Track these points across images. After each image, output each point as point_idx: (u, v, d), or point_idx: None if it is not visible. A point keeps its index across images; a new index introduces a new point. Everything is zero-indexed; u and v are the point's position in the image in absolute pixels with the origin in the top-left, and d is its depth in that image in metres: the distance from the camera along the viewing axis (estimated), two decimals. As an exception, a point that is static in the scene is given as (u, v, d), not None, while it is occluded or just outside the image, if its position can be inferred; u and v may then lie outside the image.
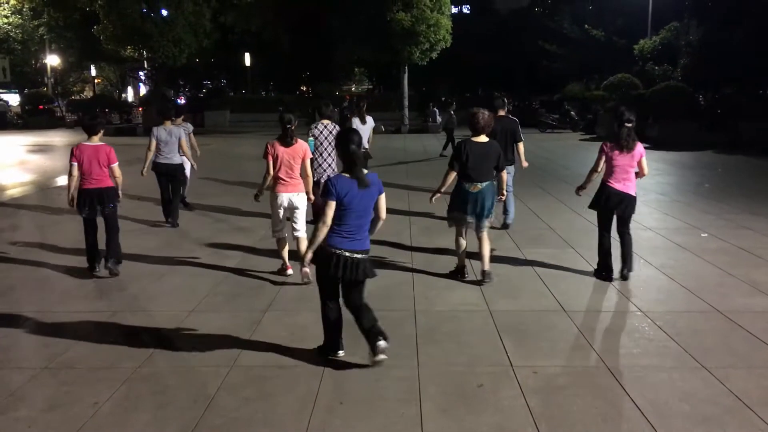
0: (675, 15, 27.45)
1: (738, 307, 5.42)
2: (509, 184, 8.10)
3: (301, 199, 6.16)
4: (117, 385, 4.03)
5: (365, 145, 9.20)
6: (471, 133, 5.96)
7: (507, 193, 8.05)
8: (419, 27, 25.85)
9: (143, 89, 44.39)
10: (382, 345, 4.09)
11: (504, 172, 6.33)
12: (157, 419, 3.64)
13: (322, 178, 7.35)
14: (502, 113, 8.13)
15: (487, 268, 6.08)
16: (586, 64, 33.70)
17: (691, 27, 26.49)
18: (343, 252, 4.09)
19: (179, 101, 38.15)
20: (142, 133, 26.48)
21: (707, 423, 3.57)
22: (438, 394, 3.90)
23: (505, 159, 6.33)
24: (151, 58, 30.36)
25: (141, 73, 42.41)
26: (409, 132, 28.27)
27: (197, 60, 35.98)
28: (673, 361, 4.37)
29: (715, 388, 3.96)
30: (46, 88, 40.60)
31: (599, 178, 6.21)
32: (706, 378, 4.11)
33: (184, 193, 9.54)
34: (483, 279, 6.06)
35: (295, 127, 6.05)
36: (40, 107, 35.77)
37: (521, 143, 8.17)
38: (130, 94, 52.12)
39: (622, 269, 6.16)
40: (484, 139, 5.94)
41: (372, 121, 9.70)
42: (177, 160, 8.81)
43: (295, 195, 6.11)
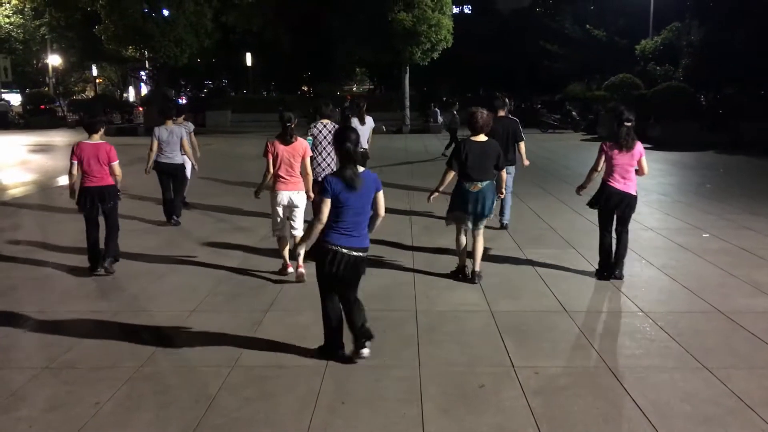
0: (676, 15, 27.43)
1: (739, 307, 5.41)
2: (509, 185, 8.11)
3: (300, 198, 6.17)
4: (118, 384, 4.03)
5: (365, 145, 9.20)
6: (470, 133, 5.97)
7: (506, 193, 8.06)
8: (420, 27, 25.85)
9: (144, 89, 44.37)
10: (365, 352, 4.27)
11: (503, 171, 6.33)
12: (158, 419, 3.64)
13: (320, 177, 7.36)
14: (503, 113, 8.12)
15: (477, 269, 6.11)
16: (588, 65, 33.70)
17: (692, 27, 26.46)
18: (341, 249, 4.12)
19: (180, 101, 38.18)
20: (143, 133, 26.49)
21: (709, 423, 3.56)
22: (439, 394, 3.90)
23: (505, 159, 6.33)
24: (153, 58, 30.40)
25: (142, 73, 42.42)
26: (410, 132, 28.27)
27: (198, 60, 36.01)
28: (674, 362, 4.37)
29: (717, 389, 3.96)
30: (47, 88, 40.68)
31: (599, 178, 6.21)
32: (707, 378, 4.10)
33: (183, 193, 9.54)
34: (473, 279, 6.07)
35: (294, 126, 6.07)
36: (42, 107, 35.85)
37: (522, 143, 8.17)
38: (131, 94, 52.12)
39: (614, 270, 6.16)
40: (483, 138, 5.94)
41: (372, 122, 9.70)
42: (179, 159, 8.83)
43: (295, 193, 6.12)
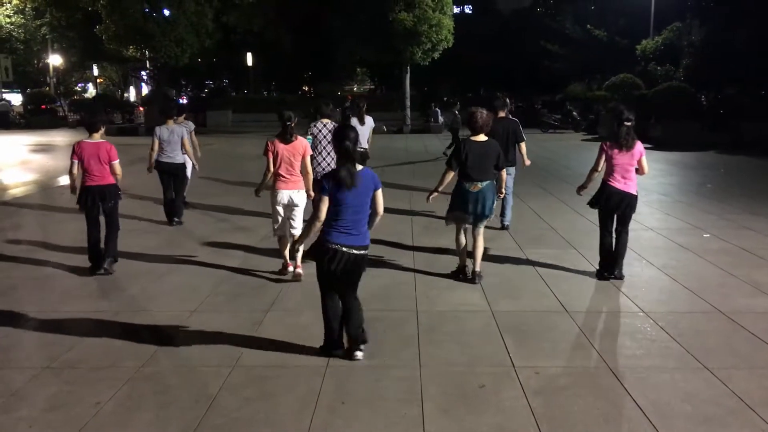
0: (677, 15, 27.38)
1: (740, 307, 5.41)
2: (509, 186, 8.10)
3: (301, 197, 6.18)
4: (119, 384, 4.03)
5: (364, 145, 9.20)
6: (470, 133, 5.98)
7: (507, 195, 8.06)
8: (421, 27, 25.85)
9: (145, 89, 44.36)
10: (359, 354, 4.35)
11: (503, 171, 6.33)
12: (158, 419, 3.65)
13: (320, 176, 7.36)
14: (503, 114, 8.10)
15: (478, 269, 6.11)
16: (588, 65, 33.67)
17: (693, 27, 26.42)
18: (341, 247, 4.13)
19: (181, 101, 38.18)
20: (144, 133, 26.51)
21: (709, 424, 3.56)
22: (439, 394, 3.90)
23: (505, 159, 6.33)
24: (154, 58, 30.43)
25: (143, 72, 42.41)
26: (411, 132, 28.26)
27: (199, 60, 36.00)
28: (675, 362, 4.37)
29: (717, 389, 3.96)
30: (48, 88, 40.68)
31: (600, 178, 6.21)
32: (708, 379, 4.10)
33: (184, 193, 9.54)
34: (473, 279, 6.07)
35: (294, 124, 6.08)
36: (43, 107, 35.85)
37: (523, 143, 8.17)
38: (132, 94, 52.14)
39: (614, 270, 6.16)
40: (483, 138, 5.94)
41: (372, 122, 9.70)
42: (180, 158, 8.85)
43: (296, 192, 6.13)
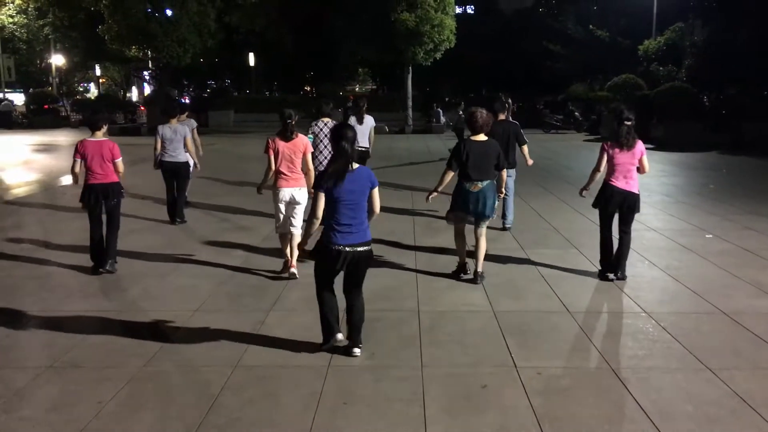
0: (679, 15, 27.34)
1: (743, 308, 5.40)
2: (510, 188, 8.09)
3: (302, 194, 6.19)
4: (121, 384, 4.03)
5: (364, 144, 9.21)
6: (470, 133, 5.98)
7: (508, 197, 8.06)
8: (423, 27, 25.82)
9: (147, 89, 44.40)
10: (356, 351, 4.41)
11: (503, 171, 6.33)
12: (161, 419, 3.65)
13: None
14: (503, 117, 8.03)
15: (479, 269, 6.10)
16: (590, 65, 33.62)
17: (695, 28, 26.40)
18: (344, 248, 4.17)
19: (183, 101, 38.20)
20: (146, 133, 26.52)
21: (711, 424, 3.56)
22: (441, 394, 3.90)
23: (505, 158, 6.32)
24: (156, 58, 30.39)
25: (145, 72, 42.40)
26: (412, 132, 28.24)
27: (201, 60, 36.00)
28: (677, 363, 4.36)
29: (720, 390, 3.95)
30: (50, 88, 40.72)
31: (602, 178, 6.21)
32: (710, 379, 4.10)
33: (185, 192, 9.55)
34: (475, 279, 6.07)
35: (295, 122, 6.09)
36: (45, 107, 35.83)
37: (525, 145, 8.16)
38: (134, 94, 52.20)
39: (617, 271, 6.16)
40: (483, 138, 5.95)
41: (372, 121, 9.70)
42: (182, 158, 8.86)
43: (297, 190, 6.14)
